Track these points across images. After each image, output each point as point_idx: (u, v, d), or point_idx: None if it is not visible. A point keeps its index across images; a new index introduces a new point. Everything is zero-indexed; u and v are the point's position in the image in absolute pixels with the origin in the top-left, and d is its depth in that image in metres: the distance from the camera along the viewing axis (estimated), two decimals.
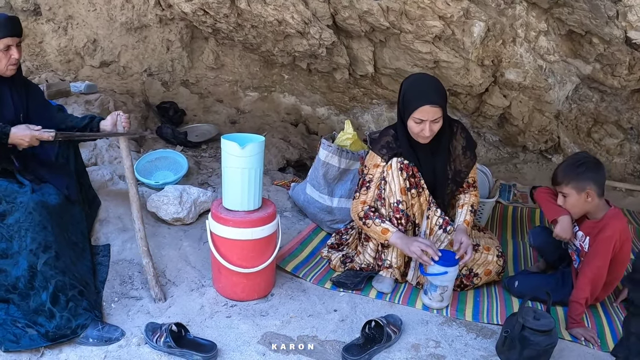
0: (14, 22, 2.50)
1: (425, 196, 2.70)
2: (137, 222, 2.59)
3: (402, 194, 2.64)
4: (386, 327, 2.24)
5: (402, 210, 2.64)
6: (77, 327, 2.21)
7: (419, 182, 2.67)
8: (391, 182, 2.64)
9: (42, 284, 2.24)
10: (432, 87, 2.58)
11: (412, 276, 2.77)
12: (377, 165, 2.74)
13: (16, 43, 2.48)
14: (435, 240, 2.69)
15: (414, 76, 2.73)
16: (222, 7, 3.68)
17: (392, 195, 2.65)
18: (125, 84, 4.67)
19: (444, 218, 2.70)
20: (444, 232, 2.69)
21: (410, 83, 2.65)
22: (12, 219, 2.31)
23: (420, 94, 2.56)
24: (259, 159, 2.52)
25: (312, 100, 4.92)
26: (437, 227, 2.70)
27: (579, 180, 2.48)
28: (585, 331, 2.41)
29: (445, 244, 2.68)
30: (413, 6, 3.54)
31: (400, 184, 2.63)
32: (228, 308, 2.51)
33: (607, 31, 3.30)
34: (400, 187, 2.63)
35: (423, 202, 2.70)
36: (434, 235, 2.70)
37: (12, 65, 2.49)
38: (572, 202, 2.53)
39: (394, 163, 2.64)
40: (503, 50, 3.90)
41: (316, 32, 3.76)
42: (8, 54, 2.45)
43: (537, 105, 4.22)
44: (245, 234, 2.48)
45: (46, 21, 4.70)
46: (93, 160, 3.50)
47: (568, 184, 2.50)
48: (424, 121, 2.54)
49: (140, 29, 4.66)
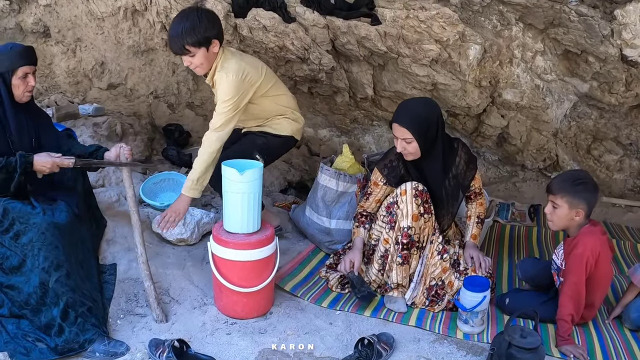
0: (30, 51, 2.68)
1: (432, 221, 2.84)
2: (139, 247, 2.69)
3: (414, 220, 2.75)
4: (377, 345, 2.32)
5: (411, 235, 2.76)
6: (85, 342, 2.33)
7: (429, 208, 2.80)
8: (404, 208, 2.76)
9: (53, 300, 2.37)
10: (408, 111, 2.78)
11: (409, 296, 2.83)
12: (376, 184, 2.97)
13: (32, 71, 2.66)
14: (432, 265, 2.82)
15: (410, 100, 3.02)
16: (224, 34, 3.80)
17: (403, 219, 2.76)
18: (132, 106, 4.78)
19: (443, 245, 2.84)
20: (440, 258, 2.82)
21: (401, 103, 2.89)
22: (26, 239, 2.45)
23: (398, 112, 2.79)
24: (258, 184, 2.63)
25: (314, 122, 5.01)
26: (436, 252, 2.83)
27: (574, 197, 2.51)
28: (575, 348, 2.44)
29: (439, 269, 2.81)
30: (410, 30, 3.64)
31: (413, 211, 2.75)
32: (228, 325, 2.60)
33: (603, 50, 3.38)
34: (412, 213, 2.75)
35: (430, 227, 2.83)
36: (432, 258, 2.83)
37: (28, 92, 2.66)
38: (560, 215, 2.56)
39: (408, 189, 2.77)
40: (500, 71, 3.99)
41: (316, 57, 3.87)
42: (25, 82, 2.63)
43: (535, 125, 4.28)
44: (244, 255, 2.59)
45: (55, 43, 4.79)
46: (100, 182, 3.60)
47: (563, 197, 2.53)
48: (397, 138, 2.77)
49: (146, 52, 4.77)
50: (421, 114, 2.75)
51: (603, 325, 2.74)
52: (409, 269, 2.82)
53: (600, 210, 4.24)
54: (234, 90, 2.84)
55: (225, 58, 2.90)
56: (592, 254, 2.49)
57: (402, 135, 2.73)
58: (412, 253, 2.80)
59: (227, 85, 2.84)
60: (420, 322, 2.67)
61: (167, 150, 4.28)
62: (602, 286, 2.64)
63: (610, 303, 2.91)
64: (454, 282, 2.80)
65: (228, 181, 2.62)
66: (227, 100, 2.85)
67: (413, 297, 2.83)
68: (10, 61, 2.58)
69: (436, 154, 2.84)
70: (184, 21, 2.77)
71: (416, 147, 2.75)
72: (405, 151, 2.78)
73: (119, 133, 4.13)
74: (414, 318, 2.71)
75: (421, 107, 2.80)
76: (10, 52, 2.60)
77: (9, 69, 2.57)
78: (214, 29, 2.82)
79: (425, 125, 2.74)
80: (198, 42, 2.77)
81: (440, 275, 2.82)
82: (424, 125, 2.74)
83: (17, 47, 2.65)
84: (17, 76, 2.59)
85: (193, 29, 2.74)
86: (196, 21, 2.75)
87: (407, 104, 2.87)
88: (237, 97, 2.86)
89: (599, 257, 2.52)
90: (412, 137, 2.72)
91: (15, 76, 2.58)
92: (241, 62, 2.91)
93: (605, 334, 2.66)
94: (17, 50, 2.63)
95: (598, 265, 2.53)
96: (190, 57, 2.83)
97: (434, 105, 2.87)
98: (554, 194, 2.56)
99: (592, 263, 2.50)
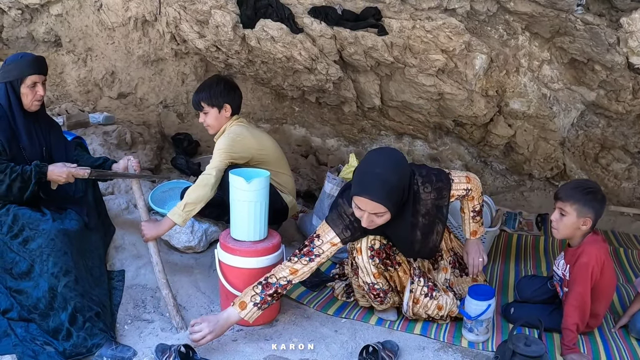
0: (40, 61, 2.73)
1: (404, 269, 2.65)
2: (154, 257, 2.77)
3: (376, 277, 2.57)
4: (381, 352, 2.33)
5: (379, 288, 2.60)
6: (93, 346, 2.36)
7: (393, 259, 2.62)
8: (363, 267, 2.55)
9: (62, 305, 2.40)
10: (381, 177, 2.29)
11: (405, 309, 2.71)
12: (334, 244, 2.51)
13: (42, 81, 2.70)
14: (422, 306, 2.64)
15: (375, 155, 2.43)
16: (233, 44, 3.86)
17: (364, 276, 2.57)
18: (142, 115, 4.82)
19: (429, 285, 2.65)
20: (430, 299, 2.64)
21: (365, 161, 2.41)
22: (35, 245, 2.49)
23: (364, 181, 2.31)
24: (264, 193, 2.67)
25: (322, 132, 5.05)
26: (422, 296, 2.63)
27: (583, 206, 2.49)
28: (580, 357, 2.44)
29: (433, 309, 2.66)
30: (416, 41, 3.67)
31: (372, 271, 2.54)
32: (234, 332, 2.62)
33: (609, 58, 3.40)
34: (372, 272, 2.55)
35: (402, 275, 2.66)
36: (420, 304, 2.64)
37: (37, 101, 2.70)
38: (567, 223, 2.53)
39: (363, 249, 2.52)
40: (507, 81, 4.01)
41: (323, 67, 3.91)
42: (34, 91, 2.67)
43: (542, 134, 4.28)
44: (251, 262, 2.62)
45: (66, 52, 4.85)
46: (110, 190, 3.64)
47: (573, 204, 2.50)
48: (363, 210, 2.34)
49: (156, 62, 4.83)
50: (393, 180, 2.31)
51: (609, 334, 2.74)
52: (390, 304, 2.72)
53: (608, 219, 4.24)
54: (225, 143, 3.04)
55: (233, 125, 3.18)
56: (598, 263, 2.49)
57: (373, 210, 2.31)
58: (390, 295, 2.67)
59: (222, 140, 3.08)
60: (425, 331, 2.68)
61: (176, 159, 4.32)
62: (606, 295, 2.64)
63: (617, 312, 2.91)
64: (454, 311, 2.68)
65: (235, 189, 2.66)
66: (218, 150, 3.03)
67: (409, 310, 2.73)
68: (20, 70, 2.63)
69: (402, 214, 2.49)
70: (206, 83, 3.23)
71: (388, 218, 2.38)
72: (373, 224, 2.38)
73: (128, 142, 4.17)
74: (419, 326, 2.72)
75: (393, 174, 2.32)
76: (20, 61, 2.66)
77: (18, 78, 2.63)
78: (229, 96, 3.16)
79: (399, 194, 2.37)
80: (211, 103, 3.12)
81: (437, 312, 2.67)
82: (399, 195, 2.36)
83: (27, 57, 2.71)
84: (25, 85, 2.64)
85: (210, 90, 3.13)
86: (214, 85, 3.16)
87: (375, 169, 2.31)
88: (226, 149, 3.02)
89: (604, 266, 2.52)
90: (385, 211, 2.33)
91: (24, 85, 2.64)
92: (243, 129, 3.17)
93: (611, 343, 2.66)
94: (27, 59, 2.68)
95: (603, 274, 2.52)
96: (204, 114, 3.18)
97: (405, 166, 2.42)
98: (563, 202, 2.53)
99: (597, 272, 2.50)
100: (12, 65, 2.65)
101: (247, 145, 3.11)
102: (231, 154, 3.02)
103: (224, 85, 3.17)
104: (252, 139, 3.15)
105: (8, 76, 2.63)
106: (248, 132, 3.16)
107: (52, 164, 2.64)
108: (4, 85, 2.63)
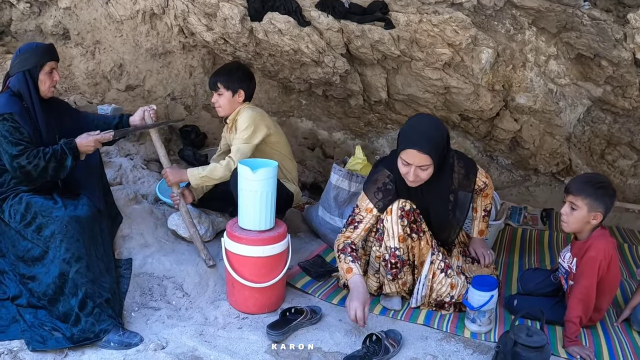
0: (53, 48, 2.84)
1: (427, 239, 2.71)
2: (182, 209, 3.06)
3: (401, 241, 2.63)
4: (384, 341, 2.37)
5: (399, 256, 2.66)
6: (100, 332, 2.40)
7: (419, 226, 2.68)
8: (389, 228, 2.63)
9: (72, 291, 2.45)
10: (426, 133, 2.53)
11: (415, 300, 2.78)
12: (369, 210, 2.70)
13: (57, 67, 2.79)
14: (437, 282, 2.73)
15: (417, 117, 2.71)
16: (241, 37, 3.87)
17: (389, 239, 2.65)
18: None
19: (445, 262, 2.73)
20: (445, 275, 2.72)
21: (409, 123, 2.65)
22: (48, 231, 2.54)
23: (412, 137, 2.53)
24: (272, 183, 2.69)
25: (328, 125, 5.07)
26: (439, 271, 2.71)
27: (595, 200, 2.49)
28: (582, 349, 2.45)
29: (446, 286, 2.73)
30: (423, 34, 3.68)
31: (398, 232, 2.62)
32: (240, 320, 2.66)
33: (616, 54, 3.40)
34: (398, 235, 2.62)
35: (424, 246, 2.71)
36: (436, 277, 2.72)
37: (53, 87, 2.78)
38: (577, 217, 2.53)
39: (394, 209, 2.62)
40: (513, 75, 4.01)
41: (330, 60, 3.92)
42: (51, 77, 2.76)
43: (548, 129, 4.28)
44: (257, 251, 2.65)
45: (75, 45, 4.87)
46: (118, 180, 3.68)
47: (584, 199, 2.50)
48: (410, 165, 2.52)
49: (164, 55, 4.85)
50: (437, 136, 2.56)
51: (611, 327, 2.75)
52: (401, 283, 2.76)
53: (614, 215, 4.24)
54: (250, 120, 3.18)
55: (247, 108, 3.28)
56: (605, 258, 2.50)
57: (420, 162, 2.50)
58: (404, 271, 2.72)
59: (245, 118, 3.19)
60: (428, 321, 2.71)
61: (183, 151, 4.36)
62: (611, 290, 2.65)
63: (620, 306, 2.92)
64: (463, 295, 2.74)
65: (243, 179, 2.69)
66: (244, 130, 3.16)
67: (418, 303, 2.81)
68: (38, 57, 2.71)
69: (438, 175, 2.65)
70: (226, 66, 3.40)
71: (431, 172, 2.56)
72: (418, 179, 2.56)
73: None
74: (422, 316, 2.75)
75: (434, 129, 2.57)
76: (37, 49, 2.74)
77: (37, 64, 2.70)
78: (245, 83, 3.29)
79: (441, 148, 2.57)
80: (227, 86, 3.24)
81: (449, 291, 2.74)
82: (441, 148, 2.57)
83: (41, 45, 2.81)
84: (44, 71, 2.72)
85: (228, 73, 3.27)
86: (234, 70, 3.31)
87: (420, 127, 2.57)
88: (252, 127, 3.17)
89: (611, 261, 2.53)
90: (430, 164, 2.52)
91: (43, 71, 2.71)
92: (260, 110, 3.33)
93: (613, 336, 2.67)
94: (42, 47, 2.78)
95: (609, 269, 2.53)
96: (218, 95, 3.28)
97: (443, 125, 2.68)
98: (575, 195, 2.53)
99: (604, 267, 2.51)
100: (29, 53, 2.71)
101: (267, 123, 3.27)
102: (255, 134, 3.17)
103: (242, 71, 3.31)
104: (268, 119, 3.33)
105: (26, 64, 2.69)
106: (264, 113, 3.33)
107: (77, 137, 2.73)
108: (22, 74, 2.69)
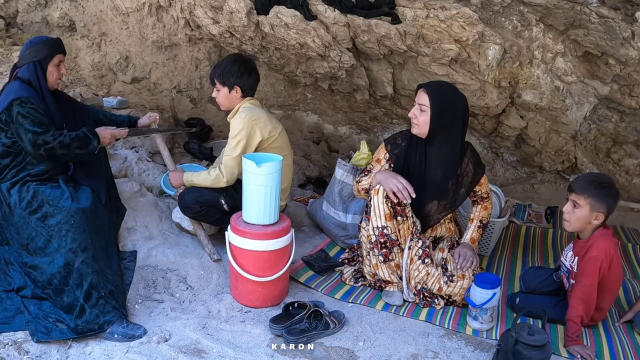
0: (62, 42, 2.89)
1: (409, 224, 2.80)
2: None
3: (387, 219, 2.73)
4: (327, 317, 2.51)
5: (387, 234, 2.73)
6: (104, 323, 2.42)
7: (403, 210, 2.76)
8: (376, 207, 2.73)
9: (77, 281, 2.47)
10: (438, 85, 2.88)
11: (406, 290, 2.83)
12: (379, 160, 2.96)
13: (64, 60, 2.86)
14: (414, 269, 2.78)
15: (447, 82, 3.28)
16: (247, 31, 3.87)
17: (376, 219, 2.73)
18: (155, 99, 4.86)
19: (424, 250, 2.79)
20: (422, 263, 2.78)
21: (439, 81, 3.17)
22: (54, 221, 2.56)
23: (428, 82, 2.89)
24: (276, 177, 2.70)
25: (334, 119, 5.06)
26: (416, 257, 2.79)
27: (597, 199, 2.48)
28: (583, 349, 2.45)
29: (422, 273, 2.77)
30: (430, 30, 3.67)
31: (385, 211, 2.72)
32: (243, 314, 2.67)
33: (623, 52, 3.37)
34: (385, 213, 2.72)
35: (406, 230, 2.80)
36: (413, 264, 2.79)
37: (59, 79, 2.85)
38: (579, 216, 2.52)
39: (381, 189, 2.73)
40: (520, 72, 3.99)
41: (336, 55, 3.92)
42: (59, 69, 2.83)
43: (554, 126, 4.26)
44: (260, 245, 2.66)
45: (81, 37, 4.88)
46: (123, 173, 3.69)
47: (587, 198, 2.48)
48: (415, 103, 2.79)
49: (170, 48, 4.85)
50: (448, 93, 2.80)
51: (613, 328, 2.75)
52: (393, 266, 2.80)
53: (618, 214, 4.23)
54: (239, 127, 3.02)
55: (246, 106, 3.15)
56: (607, 258, 2.49)
57: (420, 101, 2.76)
58: (395, 252, 2.77)
59: (237, 124, 3.05)
60: (430, 317, 2.72)
61: (188, 144, 4.37)
62: (612, 289, 2.64)
63: (622, 306, 2.92)
64: (443, 288, 2.77)
65: (247, 173, 2.70)
66: (233, 138, 3.03)
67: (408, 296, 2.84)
68: (49, 49, 2.78)
69: (444, 143, 2.81)
70: (224, 60, 3.22)
71: (426, 120, 2.75)
72: (415, 119, 2.78)
73: None
74: (425, 313, 2.75)
75: (450, 89, 2.86)
76: (47, 42, 2.81)
77: (48, 56, 2.76)
78: (241, 79, 3.13)
79: (445, 103, 2.75)
80: (222, 82, 3.14)
81: (424, 279, 2.77)
82: (445, 102, 2.75)
83: (50, 38, 2.86)
84: (52, 63, 2.78)
85: (224, 69, 3.13)
86: (230, 65, 3.14)
87: (442, 82, 3.03)
88: (239, 137, 3.02)
89: (612, 261, 2.52)
90: (428, 106, 2.73)
91: (52, 63, 2.78)
92: (259, 110, 3.14)
93: (614, 336, 2.67)
94: (52, 40, 2.84)
95: (610, 268, 2.52)
96: (216, 90, 3.20)
97: (464, 98, 2.87)
98: (577, 194, 2.52)
99: (605, 266, 2.50)
100: (40, 45, 2.78)
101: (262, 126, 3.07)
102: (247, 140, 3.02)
103: (239, 66, 3.13)
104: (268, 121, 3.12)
105: (37, 55, 2.75)
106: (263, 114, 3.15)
107: (97, 128, 2.84)
108: (32, 64, 2.75)
